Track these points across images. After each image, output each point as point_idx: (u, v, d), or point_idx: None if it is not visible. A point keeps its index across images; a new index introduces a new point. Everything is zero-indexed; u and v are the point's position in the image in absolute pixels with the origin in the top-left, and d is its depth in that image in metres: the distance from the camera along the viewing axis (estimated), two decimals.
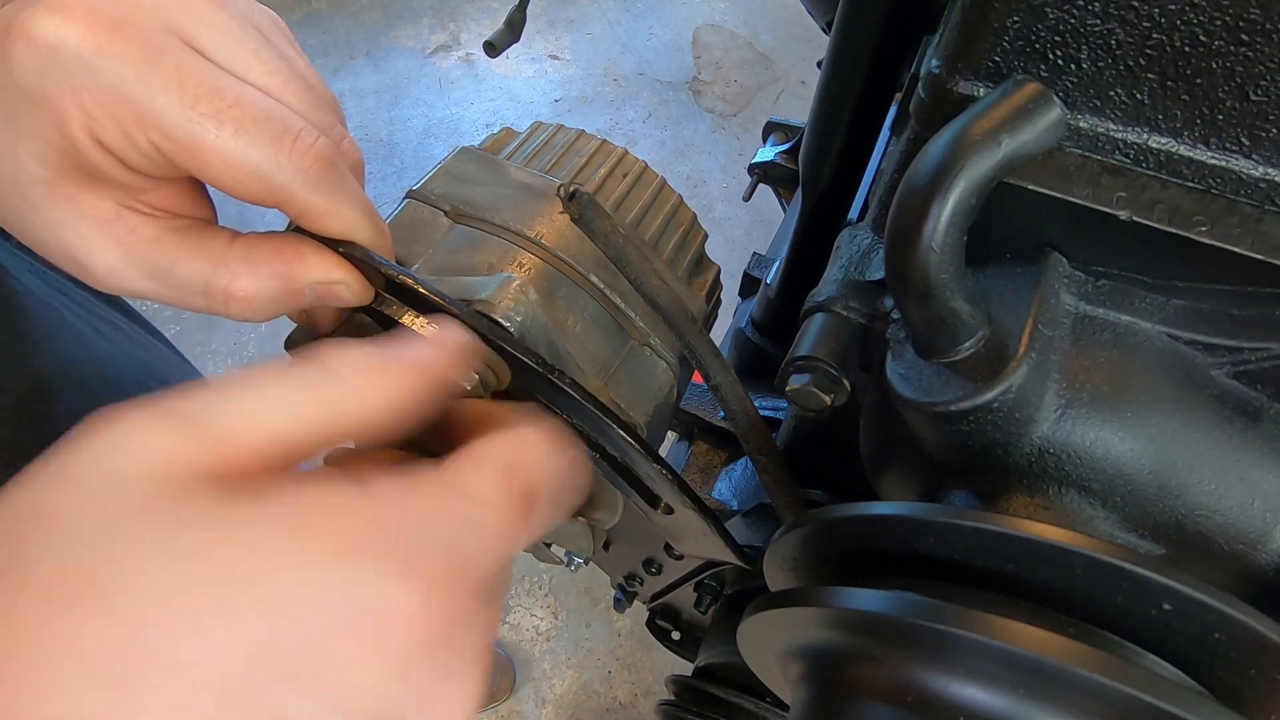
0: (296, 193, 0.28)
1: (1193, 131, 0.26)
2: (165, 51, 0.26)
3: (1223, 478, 0.27)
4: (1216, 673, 0.24)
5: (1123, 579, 0.23)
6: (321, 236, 0.31)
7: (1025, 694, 0.23)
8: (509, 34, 0.82)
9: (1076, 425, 0.28)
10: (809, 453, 0.52)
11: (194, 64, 0.27)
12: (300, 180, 0.28)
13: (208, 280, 0.29)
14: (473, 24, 2.47)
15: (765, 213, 1.98)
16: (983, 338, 0.28)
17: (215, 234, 0.31)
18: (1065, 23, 0.26)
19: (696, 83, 2.30)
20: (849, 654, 0.28)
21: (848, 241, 0.38)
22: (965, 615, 0.23)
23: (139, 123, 0.26)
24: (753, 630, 0.32)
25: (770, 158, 0.94)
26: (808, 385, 0.34)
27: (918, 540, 0.27)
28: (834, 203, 0.61)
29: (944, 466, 0.32)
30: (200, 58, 0.27)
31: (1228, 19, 0.23)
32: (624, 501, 0.44)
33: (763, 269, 0.78)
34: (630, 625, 1.44)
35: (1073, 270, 0.31)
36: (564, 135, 0.49)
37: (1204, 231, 0.27)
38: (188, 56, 0.27)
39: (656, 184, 0.48)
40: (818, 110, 0.57)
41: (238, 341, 1.75)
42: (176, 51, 0.27)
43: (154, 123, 0.26)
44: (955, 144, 0.26)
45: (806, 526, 0.31)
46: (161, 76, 0.26)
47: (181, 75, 0.26)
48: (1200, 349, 0.29)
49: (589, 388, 0.36)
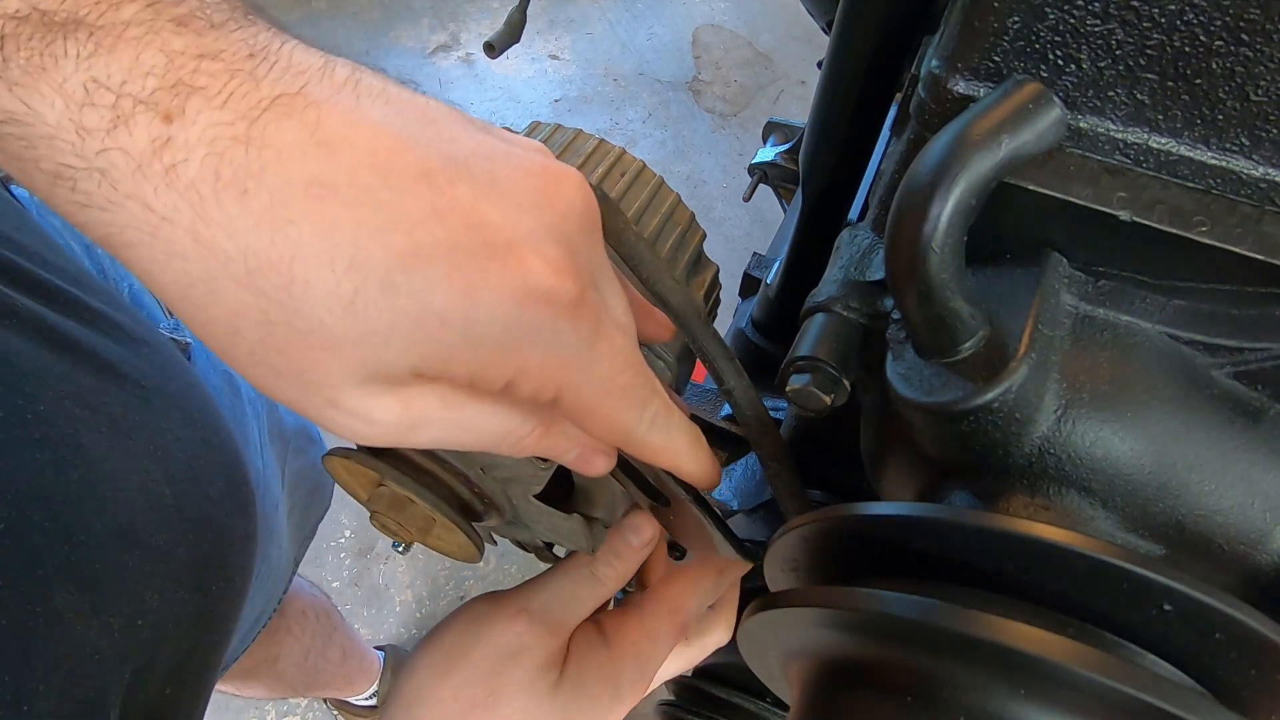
0: (644, 437, 0.29)
1: (1193, 132, 0.26)
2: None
3: (1223, 478, 0.27)
4: (1216, 673, 0.24)
5: (1123, 579, 0.23)
6: None
7: (1025, 694, 0.23)
8: (509, 35, 0.82)
9: (1076, 425, 0.28)
10: (809, 453, 0.52)
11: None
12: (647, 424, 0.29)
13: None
14: (473, 24, 2.47)
15: (765, 213, 1.98)
16: (983, 338, 0.28)
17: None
18: (1065, 23, 0.26)
19: (696, 83, 2.30)
20: (849, 654, 0.28)
21: (848, 241, 0.38)
22: (965, 615, 0.23)
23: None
24: (753, 630, 0.32)
25: (770, 158, 0.94)
26: (808, 385, 0.34)
27: (918, 540, 0.27)
28: (834, 203, 0.61)
29: (944, 466, 0.32)
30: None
31: (1228, 19, 0.23)
32: (623, 501, 0.44)
33: (763, 269, 0.78)
34: None
35: (1073, 270, 0.31)
36: (562, 134, 0.49)
37: (1204, 232, 0.27)
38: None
39: (654, 183, 0.48)
40: (818, 110, 0.57)
41: None
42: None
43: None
44: (955, 144, 0.26)
45: (806, 526, 0.31)
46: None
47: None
48: (1200, 349, 0.29)
49: None
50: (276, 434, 0.72)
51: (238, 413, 0.63)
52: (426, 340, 0.21)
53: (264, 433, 0.68)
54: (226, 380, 0.63)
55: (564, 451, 0.30)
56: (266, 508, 0.64)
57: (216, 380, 0.61)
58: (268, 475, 0.66)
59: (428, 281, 0.21)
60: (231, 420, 0.59)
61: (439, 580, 1.50)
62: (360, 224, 0.20)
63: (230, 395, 0.63)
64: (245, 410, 0.65)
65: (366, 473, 0.45)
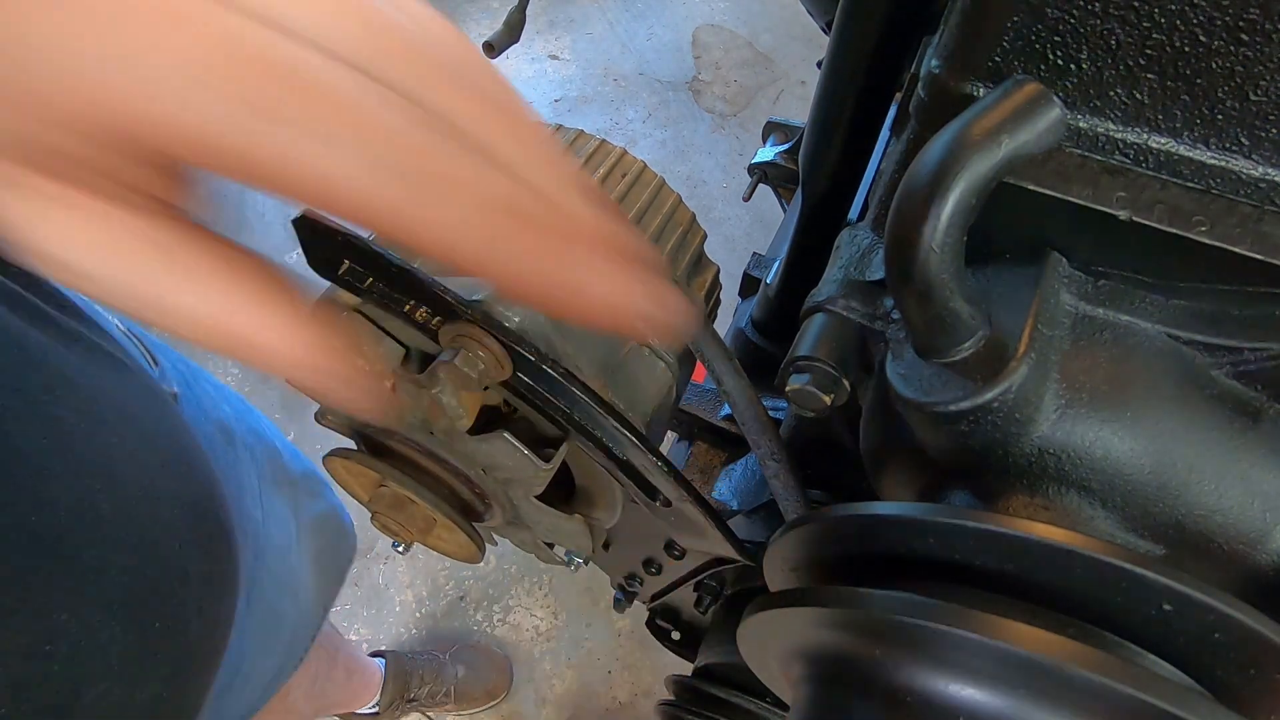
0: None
1: (1193, 131, 0.26)
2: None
3: (1223, 478, 0.27)
4: (1216, 673, 0.24)
5: (1123, 579, 0.23)
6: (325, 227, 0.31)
7: (1025, 694, 0.23)
8: (508, 35, 0.82)
9: (1076, 425, 0.28)
10: (809, 453, 0.52)
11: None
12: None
13: None
14: (473, 24, 2.47)
15: (765, 213, 1.98)
16: (983, 338, 0.28)
17: None
18: (1065, 23, 0.26)
19: (696, 83, 2.30)
20: (849, 654, 0.28)
21: (848, 241, 0.38)
22: (965, 615, 0.23)
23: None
24: (753, 630, 0.32)
25: (770, 158, 0.94)
26: (808, 385, 0.34)
27: (918, 540, 0.27)
28: (834, 203, 0.61)
29: (944, 466, 0.32)
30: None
31: (1228, 19, 0.23)
32: (623, 501, 0.44)
33: (763, 269, 0.78)
34: (630, 625, 1.44)
35: (1073, 270, 0.31)
36: (563, 135, 0.49)
37: (1204, 231, 0.27)
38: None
39: (655, 184, 0.48)
40: (818, 110, 0.57)
41: None
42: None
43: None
44: (955, 144, 0.26)
45: (806, 526, 0.31)
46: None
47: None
48: (1200, 349, 0.29)
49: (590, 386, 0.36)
50: (284, 480, 0.69)
51: (231, 460, 0.60)
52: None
53: (265, 480, 0.64)
54: (219, 429, 0.60)
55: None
56: (268, 558, 0.61)
57: (208, 428, 0.58)
58: (269, 525, 0.63)
59: None
60: (223, 466, 0.57)
61: (439, 580, 1.50)
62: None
63: (223, 444, 0.60)
64: (241, 458, 0.62)
65: (367, 473, 0.45)
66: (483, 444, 0.39)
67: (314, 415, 0.46)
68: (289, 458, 0.72)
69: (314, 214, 0.33)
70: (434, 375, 0.35)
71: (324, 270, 0.36)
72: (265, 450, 0.66)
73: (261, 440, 0.66)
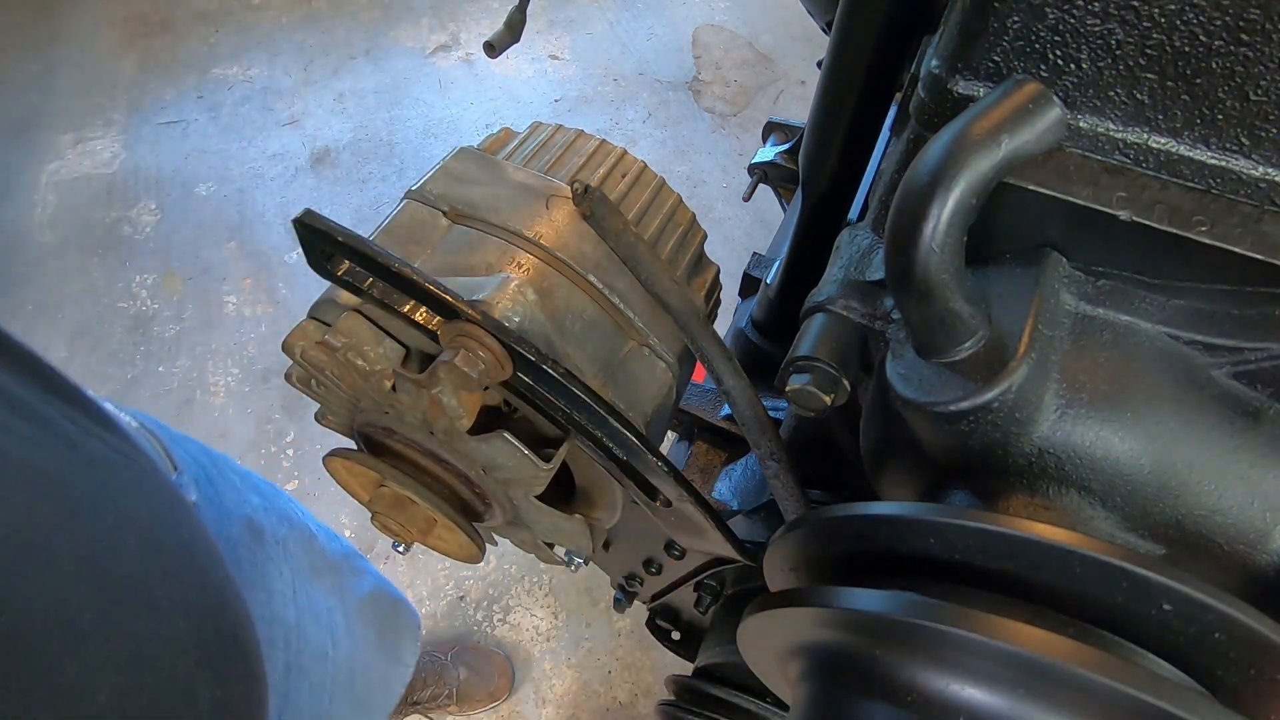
0: None
1: (1193, 131, 0.26)
2: None
3: (1223, 478, 0.27)
4: (1216, 673, 0.24)
5: (1123, 579, 0.23)
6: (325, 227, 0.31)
7: (1025, 694, 0.23)
8: (509, 35, 0.82)
9: (1076, 425, 0.28)
10: (809, 453, 0.52)
11: None
12: None
13: None
14: (473, 24, 2.47)
15: (765, 213, 1.98)
16: (983, 338, 0.28)
17: None
18: (1065, 23, 0.26)
19: (696, 83, 2.30)
20: (849, 653, 0.28)
21: (848, 241, 0.38)
22: (965, 615, 0.23)
23: None
24: (753, 630, 0.32)
25: (770, 158, 0.94)
26: (808, 385, 0.34)
27: (918, 540, 0.27)
28: (834, 203, 0.61)
29: (944, 466, 0.32)
30: None
31: (1228, 19, 0.23)
32: (624, 501, 0.44)
33: (763, 269, 0.78)
34: (630, 625, 1.44)
35: (1073, 270, 0.30)
36: (563, 135, 0.49)
37: (1204, 231, 0.27)
38: None
39: (656, 184, 0.48)
40: (818, 110, 0.57)
41: (237, 342, 1.75)
42: None
43: None
44: (955, 144, 0.26)
45: (806, 526, 0.31)
46: None
47: None
48: (1200, 349, 0.29)
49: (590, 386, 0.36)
50: (323, 567, 0.65)
51: (259, 562, 0.56)
52: None
53: (300, 573, 0.61)
54: (247, 527, 0.57)
55: None
56: (305, 664, 0.57)
57: (232, 529, 0.55)
58: (305, 626, 0.59)
59: None
60: (249, 571, 0.53)
61: (439, 580, 1.50)
62: None
63: (250, 543, 0.56)
64: (271, 556, 0.58)
65: (367, 473, 0.45)
66: (483, 444, 0.39)
67: (314, 415, 0.46)
68: (325, 540, 0.68)
69: (314, 214, 0.33)
70: (434, 375, 0.35)
71: (324, 270, 0.36)
72: (299, 538, 0.63)
73: (294, 527, 0.63)
